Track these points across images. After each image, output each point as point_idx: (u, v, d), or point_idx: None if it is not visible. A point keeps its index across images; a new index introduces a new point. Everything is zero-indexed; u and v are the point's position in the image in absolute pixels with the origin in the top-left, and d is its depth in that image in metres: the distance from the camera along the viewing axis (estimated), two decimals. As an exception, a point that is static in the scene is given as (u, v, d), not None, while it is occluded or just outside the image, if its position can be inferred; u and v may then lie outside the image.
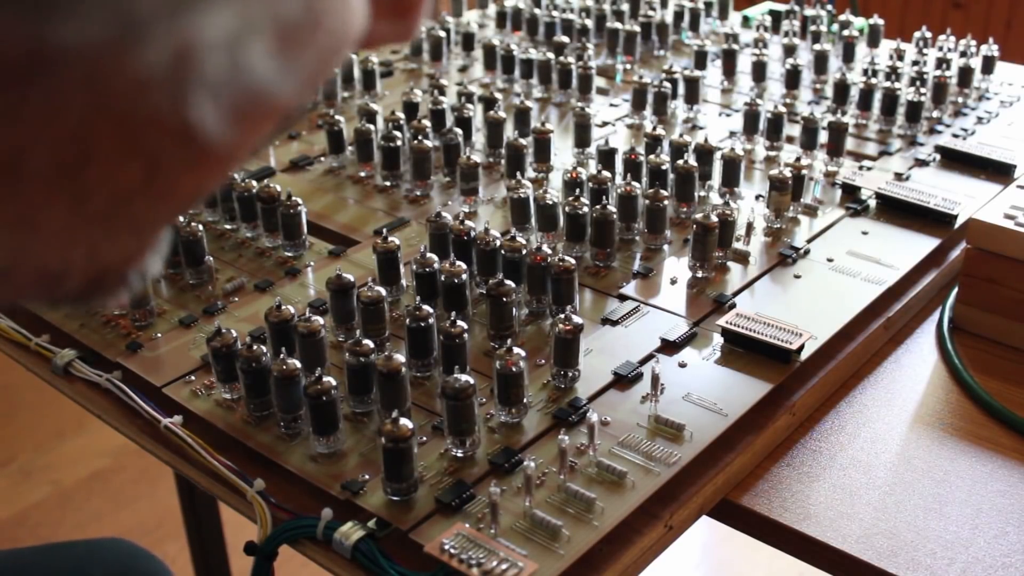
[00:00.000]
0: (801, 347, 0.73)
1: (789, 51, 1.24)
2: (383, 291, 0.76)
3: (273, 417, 0.69)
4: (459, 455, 0.66)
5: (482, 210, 0.98)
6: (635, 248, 0.90)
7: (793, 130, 1.07)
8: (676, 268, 0.86)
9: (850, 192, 0.97)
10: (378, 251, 0.82)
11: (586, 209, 0.86)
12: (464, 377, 0.65)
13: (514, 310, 0.76)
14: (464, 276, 0.78)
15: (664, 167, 0.94)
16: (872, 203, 0.96)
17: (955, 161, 1.03)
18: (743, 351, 0.75)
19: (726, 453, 0.67)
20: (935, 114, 1.13)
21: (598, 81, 1.23)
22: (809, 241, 0.90)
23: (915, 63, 1.21)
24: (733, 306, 0.81)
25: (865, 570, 0.60)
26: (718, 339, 0.77)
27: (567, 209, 0.87)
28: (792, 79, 1.19)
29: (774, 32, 1.38)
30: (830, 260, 0.87)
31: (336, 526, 0.60)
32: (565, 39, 1.30)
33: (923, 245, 0.88)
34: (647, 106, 1.15)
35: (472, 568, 0.55)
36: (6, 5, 0.21)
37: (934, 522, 0.62)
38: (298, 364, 0.68)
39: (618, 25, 1.32)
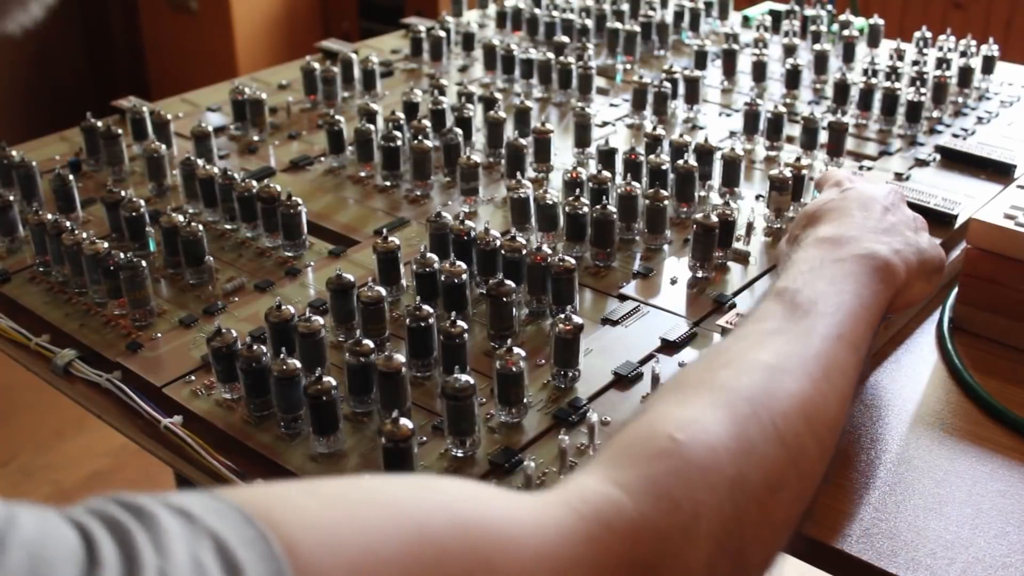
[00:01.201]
0: (801, 347, 0.73)
1: (789, 51, 1.24)
2: (383, 291, 0.76)
3: (273, 417, 0.69)
4: (459, 455, 0.66)
5: (482, 210, 0.98)
6: (635, 248, 0.90)
7: (793, 130, 1.07)
8: (676, 268, 0.86)
9: (850, 192, 0.97)
10: (378, 251, 0.82)
11: (586, 209, 0.86)
12: (464, 377, 0.65)
13: (514, 310, 0.76)
14: (464, 276, 0.78)
15: (664, 167, 0.94)
16: (872, 203, 0.96)
17: (955, 161, 1.03)
18: (743, 351, 0.75)
19: (726, 453, 0.67)
20: (935, 114, 1.13)
21: (598, 81, 1.23)
22: (809, 241, 0.90)
23: (915, 63, 1.21)
24: (733, 306, 0.81)
25: (865, 570, 0.60)
26: (718, 339, 0.77)
27: (567, 209, 0.87)
28: (792, 79, 1.19)
29: (774, 32, 1.38)
30: (830, 260, 0.86)
31: (336, 526, 0.60)
32: (565, 39, 1.30)
33: (923, 245, 0.88)
34: (647, 106, 1.15)
35: (472, 568, 0.55)
36: None
37: (934, 522, 0.62)
38: (298, 364, 0.68)
39: (618, 25, 1.32)
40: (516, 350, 0.68)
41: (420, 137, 1.01)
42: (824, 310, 0.59)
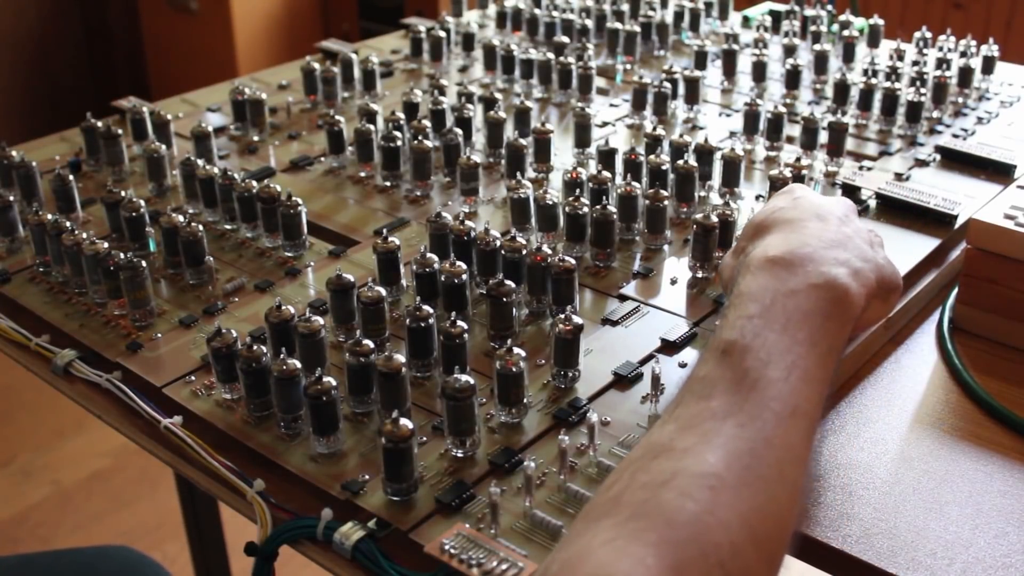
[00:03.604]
0: (801, 347, 0.73)
1: (789, 51, 1.24)
2: (383, 291, 0.76)
3: (273, 417, 0.69)
4: (459, 455, 0.66)
5: (482, 210, 0.98)
6: (635, 248, 0.90)
7: (793, 130, 1.07)
8: (676, 268, 0.86)
9: (850, 192, 0.97)
10: (378, 251, 0.82)
11: (586, 209, 0.86)
12: (464, 377, 0.65)
13: (514, 310, 0.76)
14: (464, 276, 0.78)
15: (664, 167, 0.94)
16: (872, 203, 0.96)
17: (955, 161, 1.03)
18: (743, 351, 0.75)
19: (726, 453, 0.67)
20: (935, 114, 1.13)
21: (598, 81, 1.23)
22: (809, 241, 0.89)
23: (915, 63, 1.21)
24: (733, 306, 0.81)
25: (865, 570, 0.60)
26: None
27: (567, 209, 0.87)
28: (792, 79, 1.19)
29: (774, 32, 1.38)
30: (830, 260, 0.86)
31: (336, 526, 0.60)
32: (565, 39, 1.30)
33: (923, 245, 0.88)
34: (647, 106, 1.15)
35: (472, 568, 0.55)
36: None
37: (934, 522, 0.62)
38: (298, 364, 0.68)
39: (618, 25, 1.32)
40: (516, 350, 0.68)
41: (420, 137, 1.01)
42: (776, 375, 0.54)
